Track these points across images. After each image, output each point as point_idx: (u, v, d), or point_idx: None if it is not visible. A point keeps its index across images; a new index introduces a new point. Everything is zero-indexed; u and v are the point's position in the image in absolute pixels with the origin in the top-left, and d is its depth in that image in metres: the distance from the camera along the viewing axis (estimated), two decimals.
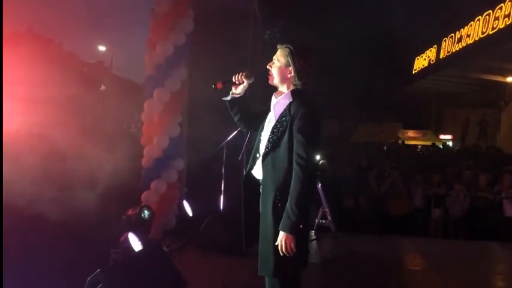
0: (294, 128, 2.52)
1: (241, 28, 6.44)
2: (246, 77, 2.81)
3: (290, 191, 2.46)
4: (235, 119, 2.95)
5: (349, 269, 5.02)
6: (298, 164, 2.47)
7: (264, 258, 2.59)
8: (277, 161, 2.58)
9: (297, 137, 2.50)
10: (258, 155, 2.75)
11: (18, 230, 3.70)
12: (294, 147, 2.50)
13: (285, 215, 2.46)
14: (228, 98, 2.88)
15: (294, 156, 2.49)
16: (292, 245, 2.43)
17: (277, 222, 2.50)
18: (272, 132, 2.62)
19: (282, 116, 2.61)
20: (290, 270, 2.56)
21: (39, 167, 4.10)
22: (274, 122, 2.65)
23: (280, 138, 2.57)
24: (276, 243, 2.48)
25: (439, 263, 5.30)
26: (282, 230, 2.45)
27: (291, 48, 2.61)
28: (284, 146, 2.55)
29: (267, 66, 2.73)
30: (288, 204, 2.45)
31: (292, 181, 2.47)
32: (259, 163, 2.71)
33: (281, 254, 2.46)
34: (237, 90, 2.84)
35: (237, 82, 2.82)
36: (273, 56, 2.74)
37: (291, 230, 2.43)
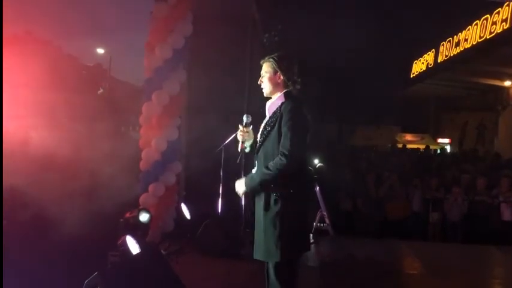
0: (282, 122, 2.73)
1: (240, 31, 6.45)
2: (244, 127, 3.01)
3: (269, 164, 2.72)
4: None
5: (347, 272, 5.01)
6: (282, 153, 2.69)
7: (258, 242, 2.82)
8: (267, 152, 2.81)
9: (284, 130, 2.72)
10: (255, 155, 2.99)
11: (17, 232, 3.69)
12: (282, 138, 2.72)
13: (255, 174, 2.85)
14: (248, 149, 3.06)
15: (280, 145, 2.71)
16: (239, 192, 2.92)
17: (268, 208, 2.75)
18: (264, 127, 2.87)
19: (274, 113, 2.83)
20: (283, 254, 2.72)
21: (37, 169, 4.10)
22: (267, 118, 2.88)
23: (270, 132, 2.80)
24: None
25: (437, 267, 5.30)
26: (244, 180, 2.87)
27: (274, 57, 2.89)
28: (273, 139, 2.77)
29: (258, 82, 2.97)
30: (262, 171, 2.76)
31: (274, 160, 2.71)
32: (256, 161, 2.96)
33: (276, 237, 2.71)
34: (250, 140, 3.04)
35: (245, 138, 3.01)
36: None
37: (246, 185, 2.86)
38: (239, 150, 3.05)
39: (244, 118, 3.01)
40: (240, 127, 3.02)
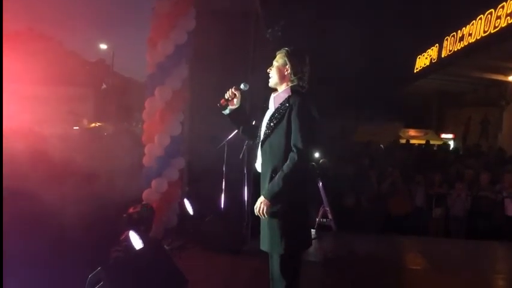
0: (292, 115, 2.76)
1: (242, 26, 6.42)
2: (237, 90, 3.07)
3: (283, 166, 2.72)
4: (240, 131, 3.24)
5: (350, 267, 5.02)
6: (295, 147, 2.72)
7: (263, 234, 2.86)
8: (274, 145, 2.82)
9: (295, 123, 2.75)
10: (258, 148, 2.99)
11: (19, 227, 3.70)
12: (292, 132, 2.75)
13: (270, 183, 2.75)
14: (227, 111, 3.13)
15: (292, 140, 2.74)
16: (265, 211, 2.73)
17: (272, 203, 2.75)
18: (270, 119, 2.87)
19: (280, 105, 2.85)
20: (286, 246, 2.76)
21: (39, 165, 4.10)
22: (273, 111, 2.88)
23: (277, 124, 2.81)
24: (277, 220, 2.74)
25: (439, 262, 5.30)
26: (262, 195, 2.76)
27: (287, 49, 2.94)
28: (281, 132, 2.79)
29: (268, 70, 3.00)
30: (276, 176, 2.73)
31: (288, 160, 2.72)
32: (259, 154, 2.94)
33: (281, 229, 2.74)
34: (233, 104, 3.11)
35: (230, 98, 3.07)
36: (274, 54, 2.99)
37: (269, 196, 2.73)
38: (218, 104, 3.10)
39: (242, 84, 3.09)
40: (233, 88, 3.07)
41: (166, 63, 5.33)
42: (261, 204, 2.75)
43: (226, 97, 3.07)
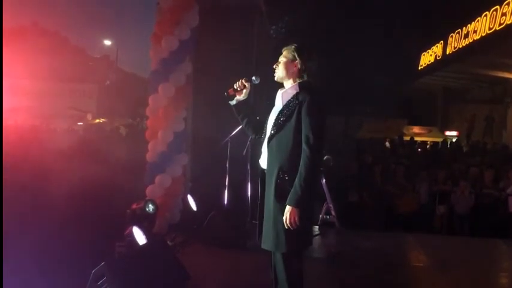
0: (303, 112, 2.71)
1: (246, 23, 6.42)
2: (247, 81, 3.05)
3: (299, 168, 2.66)
4: (243, 124, 3.18)
5: (353, 264, 5.01)
6: (307, 144, 2.67)
7: (267, 232, 2.80)
8: (282, 142, 2.77)
9: (305, 120, 2.70)
10: (263, 144, 2.95)
11: (24, 221, 3.72)
12: (303, 130, 2.70)
13: (292, 190, 2.66)
14: (233, 102, 3.10)
15: (303, 138, 2.69)
16: (297, 219, 2.64)
17: (279, 198, 2.72)
18: (278, 116, 2.82)
19: (289, 102, 2.80)
20: (291, 244, 2.73)
21: (44, 160, 4.12)
22: (281, 107, 2.83)
23: (285, 121, 2.76)
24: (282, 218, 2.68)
25: (443, 260, 5.28)
26: (288, 204, 2.66)
27: (296, 45, 2.88)
28: (290, 129, 2.74)
29: (274, 66, 2.95)
30: (296, 181, 2.65)
31: (301, 160, 2.67)
32: (265, 151, 2.90)
33: (285, 228, 2.67)
34: (241, 95, 3.09)
35: (239, 89, 3.06)
36: (278, 50, 2.95)
37: (297, 204, 2.64)
38: (225, 93, 3.08)
39: (253, 77, 3.06)
40: (244, 79, 3.06)
41: (170, 59, 5.34)
42: (289, 215, 2.64)
43: (235, 87, 3.05)
